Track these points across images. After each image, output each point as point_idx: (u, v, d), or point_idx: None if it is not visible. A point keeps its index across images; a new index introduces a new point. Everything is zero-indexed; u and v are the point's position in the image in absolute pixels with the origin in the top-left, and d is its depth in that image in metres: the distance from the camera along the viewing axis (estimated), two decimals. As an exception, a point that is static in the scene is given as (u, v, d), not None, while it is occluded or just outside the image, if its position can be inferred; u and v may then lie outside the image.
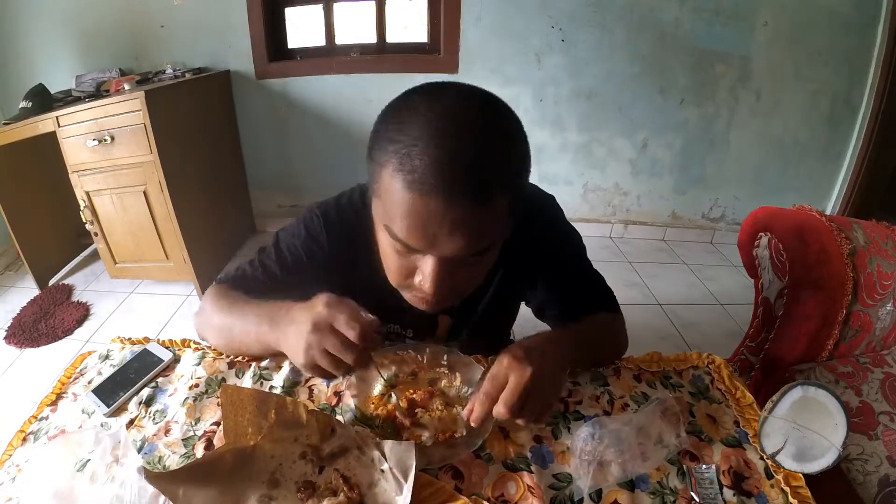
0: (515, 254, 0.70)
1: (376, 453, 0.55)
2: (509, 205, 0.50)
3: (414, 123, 0.46)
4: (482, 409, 0.53)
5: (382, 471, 0.54)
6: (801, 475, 0.55)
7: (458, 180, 0.45)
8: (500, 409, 0.52)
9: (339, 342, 0.49)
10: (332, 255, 0.71)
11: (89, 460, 0.55)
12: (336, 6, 2.36)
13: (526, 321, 0.94)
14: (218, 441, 0.59)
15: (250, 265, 0.74)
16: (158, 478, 0.50)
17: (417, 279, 0.53)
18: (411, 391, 0.64)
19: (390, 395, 0.63)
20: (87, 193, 1.91)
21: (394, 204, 0.47)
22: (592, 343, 0.68)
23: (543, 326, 0.87)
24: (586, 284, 0.77)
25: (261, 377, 0.70)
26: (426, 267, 0.51)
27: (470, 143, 0.46)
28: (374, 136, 0.50)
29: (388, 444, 0.55)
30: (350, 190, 0.73)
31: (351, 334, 0.48)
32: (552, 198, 0.77)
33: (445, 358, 0.69)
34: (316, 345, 0.49)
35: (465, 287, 0.57)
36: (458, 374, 0.67)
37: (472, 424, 0.55)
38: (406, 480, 0.52)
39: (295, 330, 0.52)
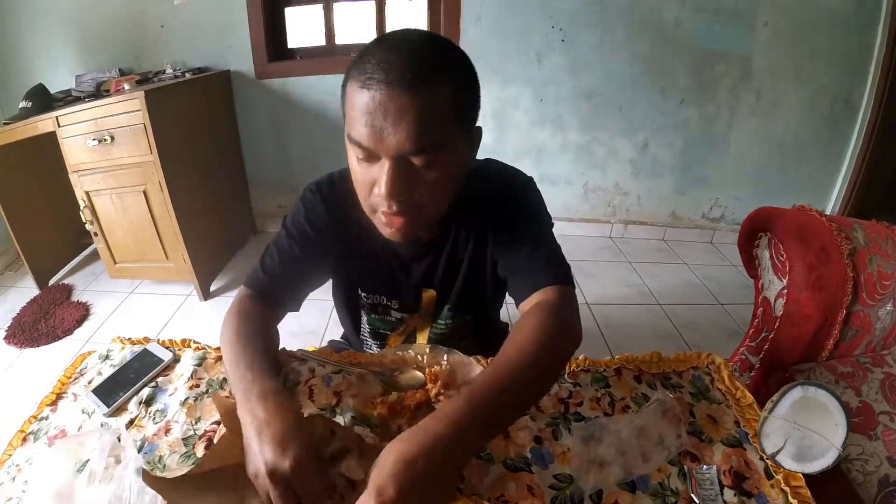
0: (482, 223, 0.74)
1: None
2: (449, 98, 0.55)
3: (371, 45, 0.56)
4: None
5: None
6: (801, 475, 0.55)
7: (396, 71, 0.52)
8: None
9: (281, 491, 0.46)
10: (329, 223, 0.76)
11: (89, 461, 0.55)
12: (336, 6, 2.36)
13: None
14: (218, 441, 0.59)
15: (267, 254, 0.77)
16: (157, 482, 0.49)
17: (376, 190, 0.58)
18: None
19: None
20: (87, 193, 1.91)
21: (352, 107, 0.55)
22: (512, 387, 0.52)
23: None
24: (535, 258, 0.69)
25: (261, 377, 0.70)
26: (383, 172, 0.56)
27: (411, 44, 0.55)
28: (345, 75, 0.58)
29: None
30: (342, 167, 0.77)
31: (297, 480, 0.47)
32: (529, 178, 0.76)
33: (445, 357, 0.70)
34: (260, 486, 0.48)
35: (423, 203, 0.60)
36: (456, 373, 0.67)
37: None
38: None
39: (249, 446, 0.50)
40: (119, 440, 0.59)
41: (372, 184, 0.59)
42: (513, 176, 0.76)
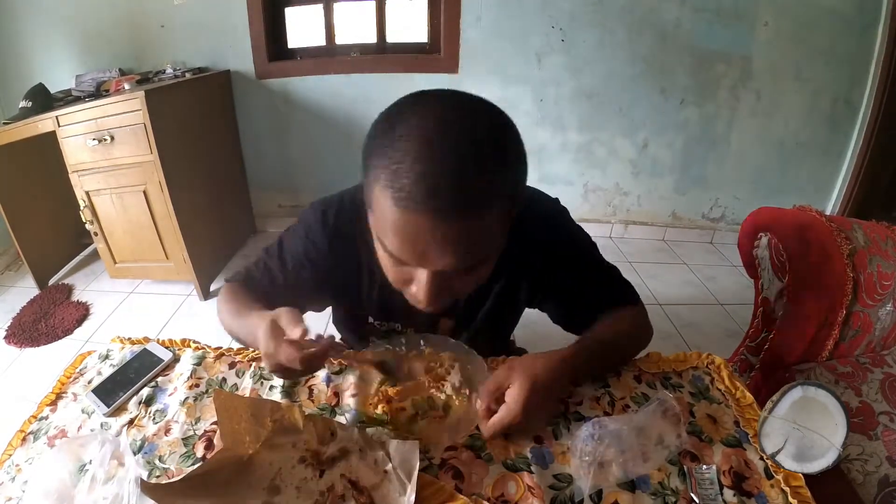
0: (519, 261, 0.70)
1: (380, 453, 0.55)
2: (502, 217, 0.49)
3: (402, 138, 0.45)
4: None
5: (385, 471, 0.54)
6: (801, 475, 0.55)
7: (444, 197, 0.44)
8: (484, 431, 0.59)
9: (285, 362, 0.52)
10: (331, 255, 0.71)
11: (91, 462, 0.55)
12: (336, 6, 2.36)
13: (527, 326, 0.94)
14: (218, 441, 0.59)
15: (255, 266, 0.76)
16: (156, 490, 0.49)
17: (413, 289, 0.54)
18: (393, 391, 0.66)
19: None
20: (87, 193, 1.91)
21: (385, 220, 0.47)
22: (607, 353, 0.69)
23: (542, 327, 0.88)
24: (601, 283, 0.76)
25: (261, 377, 0.70)
26: (420, 278, 0.51)
27: (457, 158, 0.44)
28: (366, 149, 0.50)
29: (393, 444, 0.56)
30: (353, 188, 0.72)
31: (292, 359, 0.52)
32: (556, 201, 0.76)
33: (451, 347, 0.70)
34: (272, 364, 0.54)
35: (463, 292, 0.58)
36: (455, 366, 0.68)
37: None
38: (410, 481, 0.52)
39: (259, 337, 0.55)
40: (120, 445, 0.59)
41: (405, 280, 0.54)
42: (543, 204, 0.74)
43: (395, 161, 0.45)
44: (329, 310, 0.87)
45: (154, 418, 0.64)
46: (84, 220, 1.97)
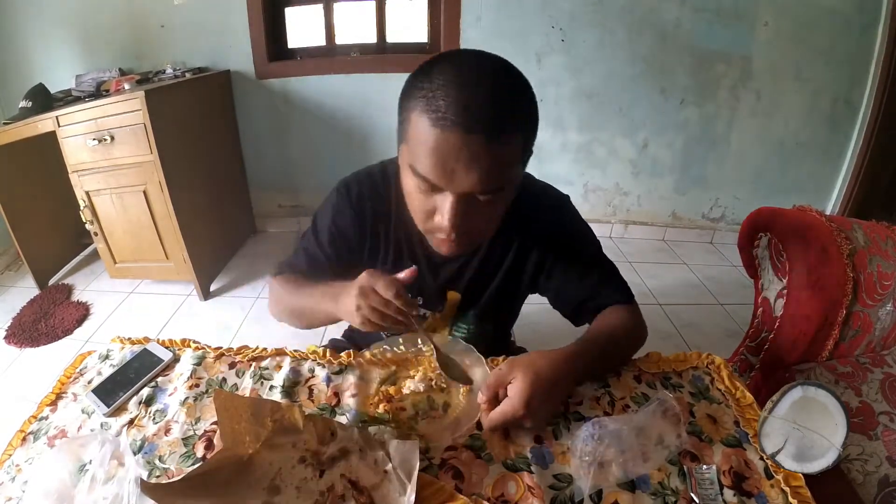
0: (526, 238, 0.76)
1: (380, 453, 0.55)
2: (520, 147, 0.56)
3: (440, 73, 0.53)
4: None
5: (385, 471, 0.54)
6: (801, 475, 0.55)
7: (475, 117, 0.51)
8: (485, 423, 0.60)
9: (381, 299, 0.58)
10: (356, 223, 0.76)
11: (91, 462, 0.55)
12: (336, 6, 2.36)
13: (527, 325, 0.94)
14: (218, 441, 0.59)
15: (295, 255, 0.82)
16: (155, 490, 0.49)
17: (437, 218, 0.59)
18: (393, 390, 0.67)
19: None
20: (87, 193, 1.91)
21: (419, 142, 0.54)
22: (608, 351, 0.70)
23: (543, 327, 0.88)
24: (601, 274, 0.79)
25: (261, 377, 0.70)
26: (445, 204, 0.57)
27: (488, 86, 0.52)
28: (405, 89, 0.57)
29: (393, 444, 0.56)
30: (373, 165, 0.78)
31: (389, 293, 0.58)
32: (567, 196, 0.80)
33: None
34: (364, 305, 0.59)
35: (481, 228, 0.63)
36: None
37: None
38: (410, 481, 0.52)
39: (346, 297, 0.61)
40: (121, 446, 0.59)
41: (431, 211, 0.59)
42: (554, 193, 0.79)
43: (433, 89, 0.52)
44: (325, 330, 0.90)
45: (154, 418, 0.64)
46: (84, 220, 1.97)
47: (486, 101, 0.51)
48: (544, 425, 0.61)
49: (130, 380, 0.69)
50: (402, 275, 0.61)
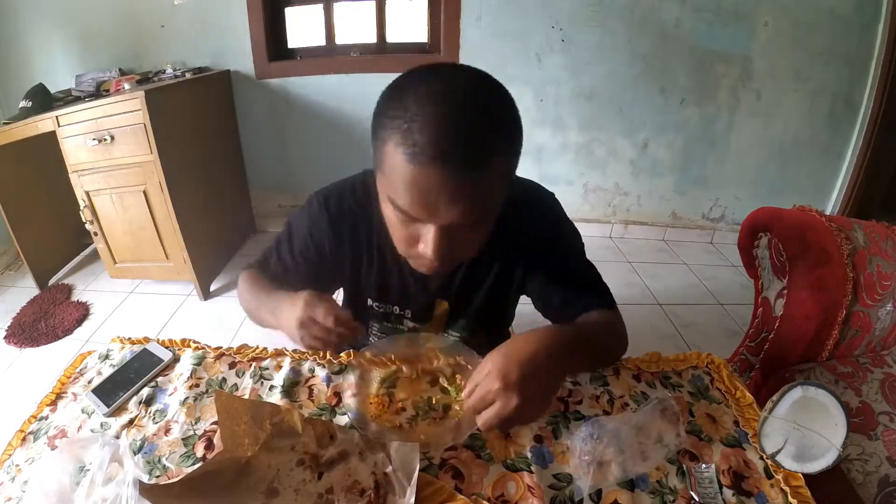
0: (513, 243, 0.74)
1: (381, 455, 0.55)
2: (504, 173, 0.53)
3: (413, 100, 0.49)
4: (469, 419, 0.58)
5: (385, 473, 0.54)
6: (801, 475, 0.55)
7: (455, 152, 0.47)
8: (480, 424, 0.54)
9: (321, 327, 0.58)
10: (334, 238, 0.75)
11: (90, 464, 0.55)
12: (336, 6, 2.36)
13: (526, 325, 0.94)
14: (218, 441, 0.59)
15: (269, 252, 0.81)
16: (154, 492, 0.49)
17: (420, 247, 0.56)
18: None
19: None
20: (87, 193, 1.91)
21: (396, 177, 0.50)
22: (591, 344, 0.66)
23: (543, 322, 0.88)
24: (583, 279, 0.77)
25: (261, 377, 0.70)
26: (428, 235, 0.54)
27: (465, 116, 0.49)
28: (377, 114, 0.53)
29: (394, 445, 0.56)
30: (353, 176, 0.77)
31: (329, 321, 0.58)
32: (552, 194, 0.78)
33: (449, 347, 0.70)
34: (307, 335, 0.60)
35: (465, 251, 0.61)
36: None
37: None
38: (410, 483, 0.52)
39: (288, 321, 0.61)
40: (120, 448, 0.59)
41: (413, 239, 0.56)
42: (539, 194, 0.77)
43: (407, 121, 0.48)
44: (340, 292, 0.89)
45: (154, 418, 0.64)
46: (84, 220, 1.97)
47: (465, 131, 0.48)
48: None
49: (130, 380, 0.69)
50: (339, 309, 0.60)
